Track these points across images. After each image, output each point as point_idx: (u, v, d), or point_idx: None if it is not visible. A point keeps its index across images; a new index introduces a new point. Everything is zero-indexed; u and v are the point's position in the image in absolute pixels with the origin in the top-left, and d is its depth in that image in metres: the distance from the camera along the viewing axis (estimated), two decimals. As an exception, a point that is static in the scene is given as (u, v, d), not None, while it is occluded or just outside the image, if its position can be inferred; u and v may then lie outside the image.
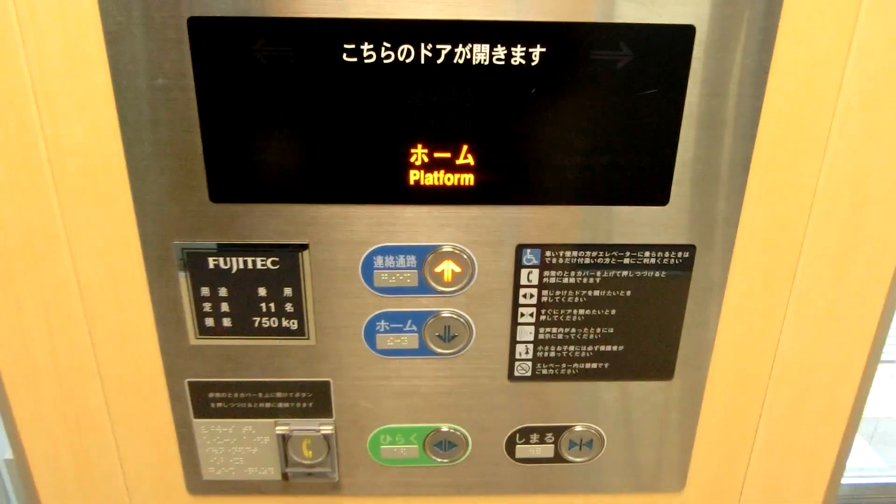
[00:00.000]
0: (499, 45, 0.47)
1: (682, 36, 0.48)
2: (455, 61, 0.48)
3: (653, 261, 0.55)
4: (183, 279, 0.54)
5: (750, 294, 0.57)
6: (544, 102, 0.49)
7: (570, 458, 0.63)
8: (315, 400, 0.59)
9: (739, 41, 0.48)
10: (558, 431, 0.61)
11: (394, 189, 0.51)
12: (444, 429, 0.61)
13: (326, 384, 0.58)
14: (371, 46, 0.47)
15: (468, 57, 0.48)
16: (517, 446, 0.62)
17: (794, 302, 0.57)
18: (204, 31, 0.46)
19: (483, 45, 0.47)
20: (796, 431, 0.63)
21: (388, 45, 0.47)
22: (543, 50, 0.48)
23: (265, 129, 0.49)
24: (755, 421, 0.62)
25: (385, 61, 0.47)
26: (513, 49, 0.47)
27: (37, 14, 0.46)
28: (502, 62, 0.48)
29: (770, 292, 0.57)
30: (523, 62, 0.48)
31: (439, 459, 0.62)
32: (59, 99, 0.48)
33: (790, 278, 0.56)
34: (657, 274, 0.55)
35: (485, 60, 0.48)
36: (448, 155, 0.51)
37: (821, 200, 0.53)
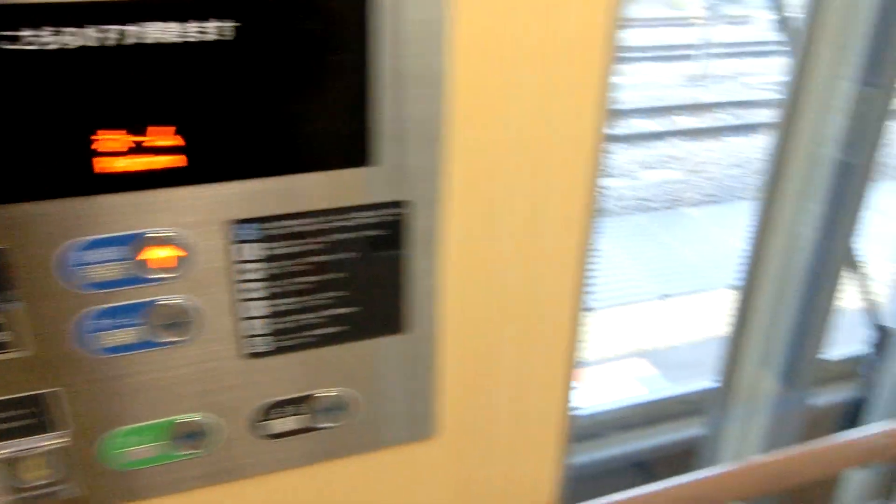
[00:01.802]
0: (172, 22, 0.47)
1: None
2: (127, 42, 0.47)
3: (368, 220, 0.57)
4: None
5: (465, 242, 0.61)
6: (231, 78, 0.50)
7: (324, 424, 0.64)
8: (38, 415, 0.55)
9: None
10: (306, 401, 0.63)
11: (86, 179, 0.49)
12: (188, 419, 0.60)
13: (49, 395, 0.55)
14: (32, 32, 0.45)
15: (141, 37, 0.47)
16: (268, 422, 0.62)
17: (505, 243, 0.62)
18: None
19: (156, 24, 0.47)
20: (528, 365, 0.69)
21: (51, 31, 0.45)
22: (220, 24, 0.48)
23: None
24: (491, 362, 0.67)
25: (49, 48, 0.45)
26: (187, 26, 0.47)
27: None
28: (180, 40, 0.48)
29: (482, 238, 0.62)
30: (202, 37, 0.48)
31: (190, 451, 0.61)
32: None
33: (497, 222, 0.61)
34: (375, 233, 0.58)
35: (162, 39, 0.47)
36: (137, 139, 0.49)
37: (512, 152, 0.59)
